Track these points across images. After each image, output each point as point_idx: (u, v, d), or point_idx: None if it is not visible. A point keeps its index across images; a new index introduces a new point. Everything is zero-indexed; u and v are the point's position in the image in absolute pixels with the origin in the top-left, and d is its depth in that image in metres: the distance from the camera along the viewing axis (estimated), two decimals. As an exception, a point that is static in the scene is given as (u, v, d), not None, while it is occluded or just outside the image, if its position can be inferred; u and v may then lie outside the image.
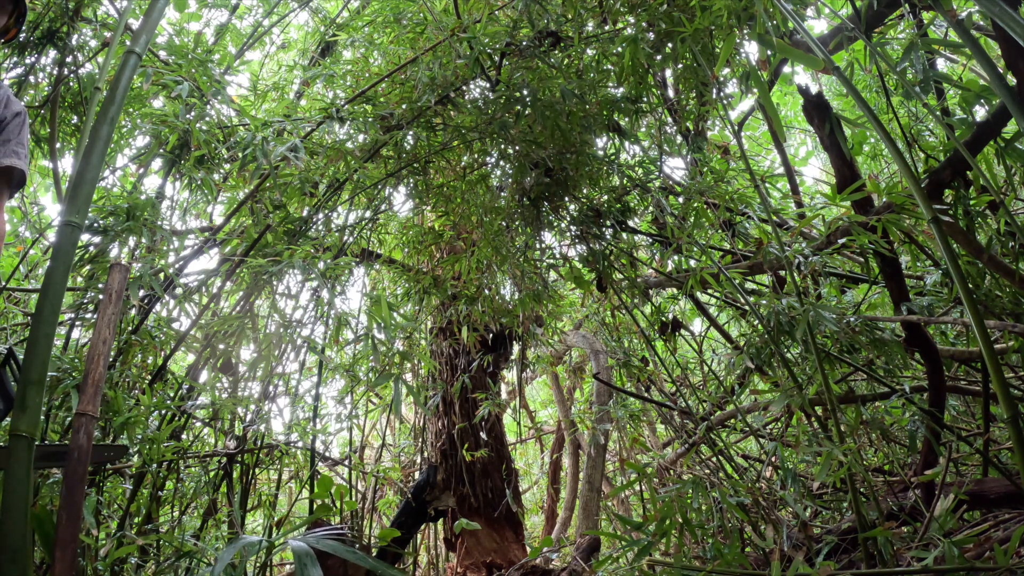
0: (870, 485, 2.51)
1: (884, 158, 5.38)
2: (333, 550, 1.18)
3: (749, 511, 2.62)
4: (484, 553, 4.60)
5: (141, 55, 1.86)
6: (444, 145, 3.45)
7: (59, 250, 1.55)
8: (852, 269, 4.27)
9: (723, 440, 4.23)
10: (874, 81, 4.32)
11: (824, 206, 2.85)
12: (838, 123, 2.74)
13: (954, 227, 2.73)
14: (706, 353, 5.23)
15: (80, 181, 1.62)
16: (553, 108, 3.06)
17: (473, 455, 4.76)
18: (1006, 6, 1.78)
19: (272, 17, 5.79)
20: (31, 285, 4.46)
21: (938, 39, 3.43)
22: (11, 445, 1.39)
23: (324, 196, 3.58)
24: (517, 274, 3.81)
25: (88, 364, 1.56)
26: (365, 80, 3.55)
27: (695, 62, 3.06)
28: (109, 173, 4.17)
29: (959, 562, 1.73)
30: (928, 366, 2.89)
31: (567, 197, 3.54)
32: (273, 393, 3.64)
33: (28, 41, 3.70)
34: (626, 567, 2.22)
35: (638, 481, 3.31)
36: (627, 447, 5.02)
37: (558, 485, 6.68)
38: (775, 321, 2.61)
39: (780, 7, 2.45)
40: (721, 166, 3.77)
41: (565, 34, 3.14)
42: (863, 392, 3.71)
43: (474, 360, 5.03)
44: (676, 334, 4.44)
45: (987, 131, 2.60)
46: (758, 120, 6.30)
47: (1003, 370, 3.05)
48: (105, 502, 2.97)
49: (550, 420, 8.43)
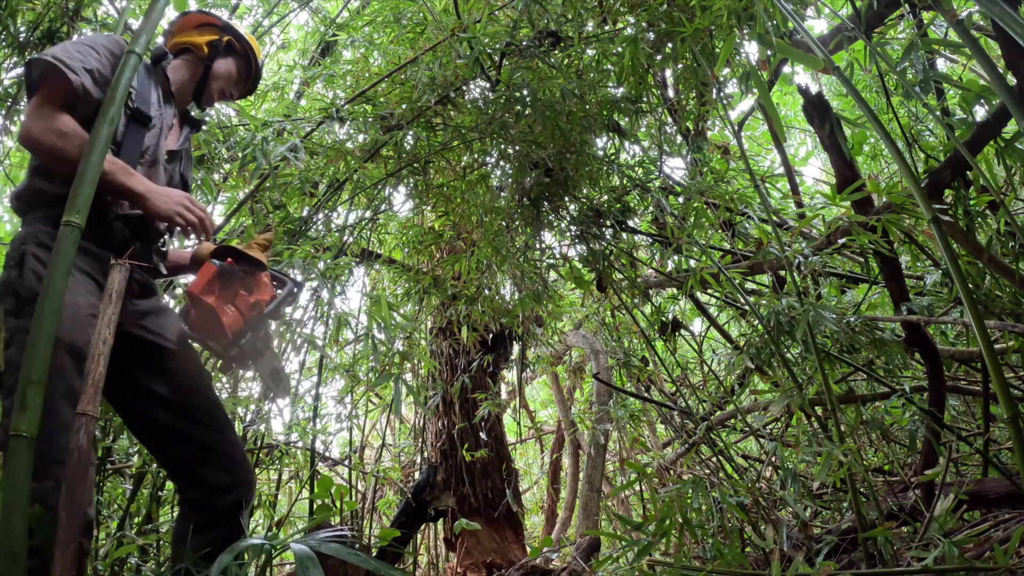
0: (870, 485, 2.51)
1: (884, 158, 5.38)
2: (335, 552, 1.17)
3: (749, 511, 2.62)
4: (484, 553, 4.60)
5: (141, 55, 1.86)
6: (444, 145, 3.45)
7: (59, 250, 1.54)
8: (852, 269, 4.27)
9: (723, 440, 4.23)
10: (874, 81, 4.32)
11: (824, 206, 2.84)
12: (838, 123, 2.74)
13: (954, 227, 2.73)
14: (706, 353, 5.23)
15: (80, 181, 1.62)
16: (553, 108, 3.06)
17: (473, 455, 4.76)
18: (1006, 6, 1.78)
19: (272, 17, 5.79)
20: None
21: (938, 39, 3.43)
22: (11, 445, 1.38)
23: (324, 196, 3.58)
24: (517, 274, 3.81)
25: (88, 364, 1.56)
26: (365, 80, 3.55)
27: (695, 62, 3.06)
28: (109, 173, 4.16)
29: (959, 562, 1.73)
30: (928, 366, 2.89)
31: (567, 197, 3.54)
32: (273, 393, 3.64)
33: (28, 41, 3.70)
34: (626, 567, 2.22)
35: (638, 481, 3.31)
36: (627, 447, 5.02)
37: (558, 485, 6.68)
38: (775, 321, 2.61)
39: (780, 7, 2.45)
40: (721, 166, 3.78)
41: (565, 34, 3.14)
42: (863, 392, 3.71)
43: (474, 360, 5.03)
44: (676, 334, 4.44)
45: (987, 131, 2.60)
46: (758, 120, 6.30)
47: (1003, 370, 3.05)
48: (105, 502, 2.97)
49: (550, 420, 8.43)
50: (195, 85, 2.23)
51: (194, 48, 2.22)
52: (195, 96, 2.25)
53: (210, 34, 2.24)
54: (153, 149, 2.01)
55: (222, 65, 2.24)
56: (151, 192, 1.84)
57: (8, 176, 5.16)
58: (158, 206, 1.83)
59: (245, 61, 2.33)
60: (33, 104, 1.75)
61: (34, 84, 1.78)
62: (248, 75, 2.36)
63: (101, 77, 1.85)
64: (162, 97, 2.11)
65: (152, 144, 2.00)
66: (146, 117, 1.97)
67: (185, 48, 2.22)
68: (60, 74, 1.75)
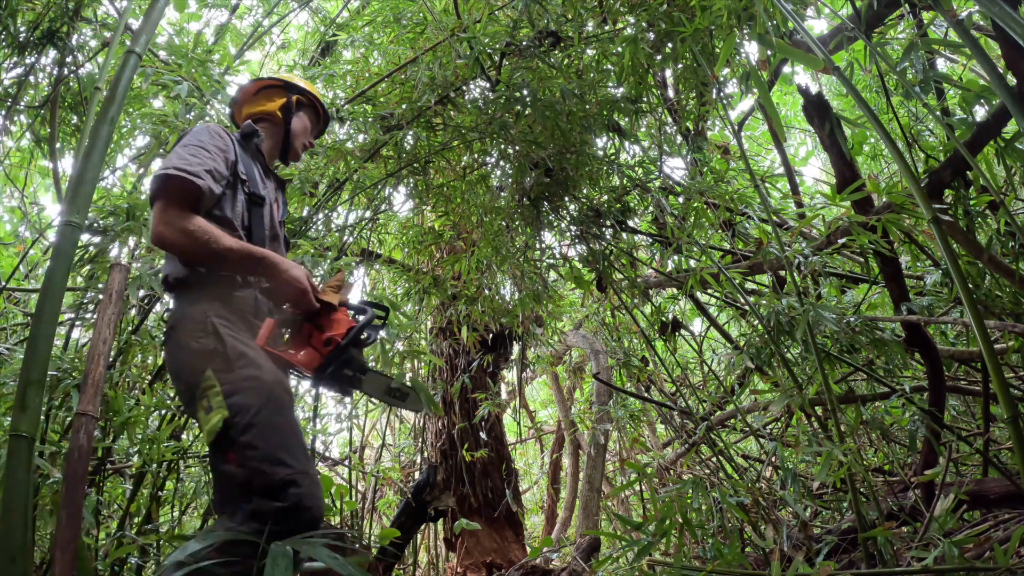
0: (870, 485, 2.51)
1: (884, 158, 5.38)
2: (316, 555, 1.15)
3: (749, 511, 2.62)
4: (484, 553, 4.60)
5: (141, 55, 1.86)
6: (444, 145, 3.45)
7: (59, 250, 1.55)
8: (852, 269, 4.27)
9: (723, 440, 4.23)
10: (874, 81, 4.32)
11: (824, 206, 2.84)
12: (838, 123, 2.74)
13: (954, 227, 2.73)
14: (706, 353, 5.23)
15: (80, 181, 1.63)
16: (553, 108, 3.06)
17: (473, 455, 4.76)
18: (1006, 6, 1.78)
19: (272, 17, 5.79)
20: (31, 285, 4.46)
21: (938, 39, 3.43)
22: (11, 445, 1.38)
23: (324, 196, 3.58)
24: (517, 274, 3.81)
25: (88, 364, 1.56)
26: (365, 80, 3.56)
27: (695, 62, 3.06)
28: (109, 173, 4.16)
29: (959, 562, 1.73)
30: (928, 366, 2.89)
31: (567, 197, 3.54)
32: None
33: (28, 41, 3.70)
34: (626, 567, 2.22)
35: (638, 481, 3.31)
36: (627, 447, 5.02)
37: (558, 485, 6.68)
38: (775, 321, 2.61)
39: (780, 7, 2.45)
40: (721, 166, 3.77)
41: (565, 34, 3.14)
42: (863, 392, 3.71)
43: (474, 360, 5.03)
44: (676, 334, 4.44)
45: (987, 131, 2.60)
46: (758, 120, 6.30)
47: (1003, 370, 3.05)
48: (105, 502, 2.97)
49: (550, 420, 8.43)
50: (279, 149, 2.36)
51: (268, 116, 2.32)
52: (280, 157, 2.38)
53: (278, 97, 2.35)
54: (270, 224, 2.15)
55: (298, 123, 2.36)
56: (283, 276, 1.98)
57: (8, 176, 5.17)
58: (287, 294, 1.97)
59: (313, 110, 2.44)
60: (159, 209, 1.86)
61: (158, 192, 1.89)
62: (319, 120, 2.49)
63: (218, 174, 1.97)
64: (262, 172, 2.23)
65: (268, 220, 2.14)
66: (261, 198, 2.12)
67: (259, 117, 2.33)
68: (184, 181, 1.87)
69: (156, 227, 1.84)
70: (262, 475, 1.61)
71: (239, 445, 1.64)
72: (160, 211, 1.84)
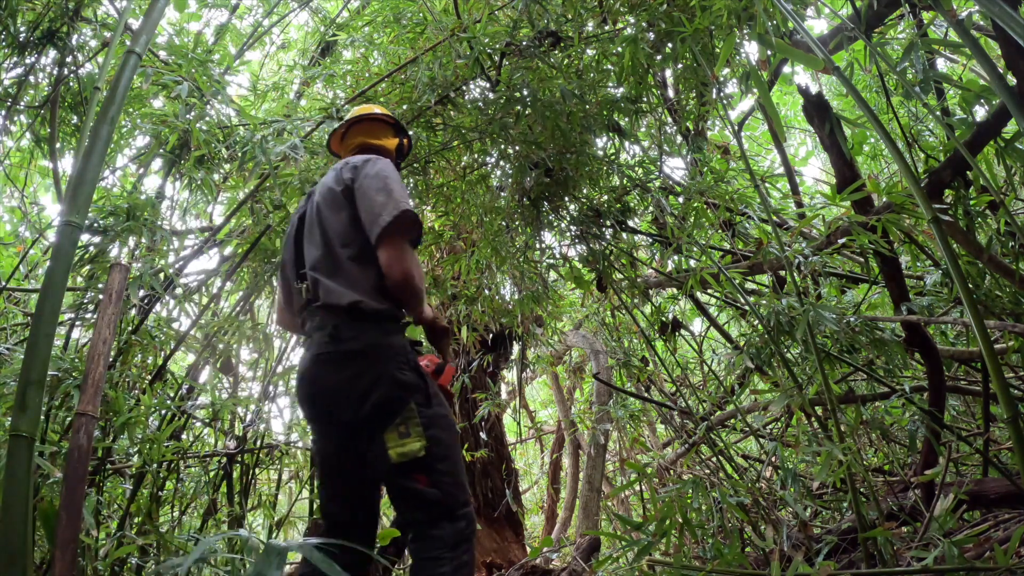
0: (870, 485, 2.51)
1: (884, 158, 5.37)
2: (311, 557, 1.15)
3: (749, 511, 2.62)
4: (484, 553, 4.60)
5: (141, 55, 1.86)
6: (444, 145, 3.45)
7: (59, 250, 1.55)
8: (852, 269, 4.26)
9: (723, 440, 4.23)
10: (874, 81, 4.31)
11: (824, 206, 2.84)
12: (838, 123, 2.74)
13: (954, 227, 2.73)
14: (706, 353, 5.23)
15: (80, 181, 1.63)
16: (553, 108, 3.06)
17: (473, 455, 4.76)
18: (1006, 6, 1.78)
19: (272, 17, 5.79)
20: (31, 285, 4.46)
21: (938, 39, 3.43)
22: (11, 445, 1.38)
23: (324, 196, 3.56)
24: (517, 274, 3.81)
25: (88, 364, 1.56)
26: (365, 80, 3.55)
27: (695, 62, 3.06)
28: (109, 173, 4.16)
29: (959, 562, 1.73)
30: (928, 366, 2.89)
31: (567, 197, 3.54)
32: (273, 393, 3.64)
33: (28, 41, 3.70)
34: (626, 567, 2.23)
35: (638, 481, 3.31)
36: (627, 447, 5.02)
37: (558, 485, 6.67)
38: (775, 321, 2.61)
39: (780, 7, 2.45)
40: (721, 166, 3.77)
41: (565, 34, 3.13)
42: (863, 392, 3.71)
43: (474, 360, 5.03)
44: (676, 334, 4.44)
45: (987, 131, 2.60)
46: (758, 120, 6.30)
47: (1003, 370, 3.05)
48: (105, 502, 2.96)
49: (550, 420, 8.43)
50: None
51: (388, 152, 2.45)
52: None
53: (392, 135, 2.50)
54: None
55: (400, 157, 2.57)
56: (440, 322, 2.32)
57: (8, 176, 5.16)
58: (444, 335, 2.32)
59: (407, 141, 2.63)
60: (402, 248, 2.00)
61: (399, 230, 2.00)
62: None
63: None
64: None
65: None
66: None
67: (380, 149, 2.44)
68: (414, 216, 2.02)
69: (405, 267, 1.98)
70: (454, 497, 1.95)
71: (436, 471, 1.94)
72: (404, 251, 1.99)
